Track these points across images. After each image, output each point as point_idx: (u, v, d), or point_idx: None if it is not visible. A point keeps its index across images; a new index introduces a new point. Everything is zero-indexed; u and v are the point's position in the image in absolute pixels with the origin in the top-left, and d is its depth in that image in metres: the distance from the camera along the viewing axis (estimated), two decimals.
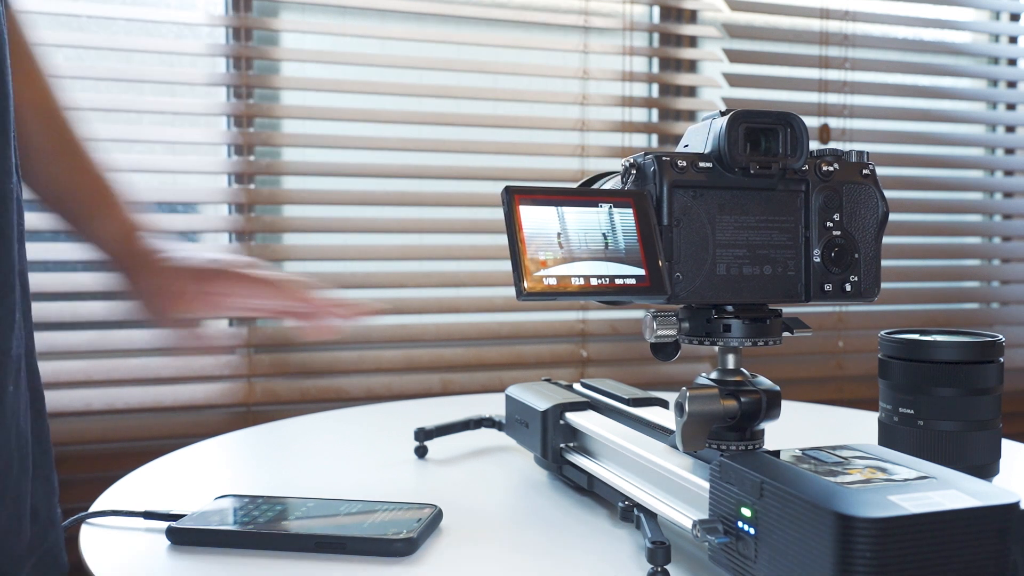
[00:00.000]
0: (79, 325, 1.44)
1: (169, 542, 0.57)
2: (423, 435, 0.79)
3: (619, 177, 0.54)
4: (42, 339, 1.41)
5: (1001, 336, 0.65)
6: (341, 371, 1.55)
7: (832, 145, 0.71)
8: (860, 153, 0.55)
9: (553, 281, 0.47)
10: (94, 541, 0.58)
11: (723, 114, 0.51)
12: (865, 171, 0.55)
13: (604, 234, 0.49)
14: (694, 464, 0.54)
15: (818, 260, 0.53)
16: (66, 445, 1.42)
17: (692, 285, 0.51)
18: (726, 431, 0.53)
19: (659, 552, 0.50)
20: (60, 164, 0.76)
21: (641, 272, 0.49)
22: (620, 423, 0.65)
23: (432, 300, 1.59)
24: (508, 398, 0.75)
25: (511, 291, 0.81)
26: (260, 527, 0.57)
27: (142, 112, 1.46)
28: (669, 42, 1.76)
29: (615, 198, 0.50)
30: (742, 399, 0.51)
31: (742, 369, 0.54)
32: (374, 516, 0.59)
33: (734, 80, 1.76)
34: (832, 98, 1.82)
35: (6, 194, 0.60)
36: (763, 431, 0.54)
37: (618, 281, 0.48)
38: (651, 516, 0.54)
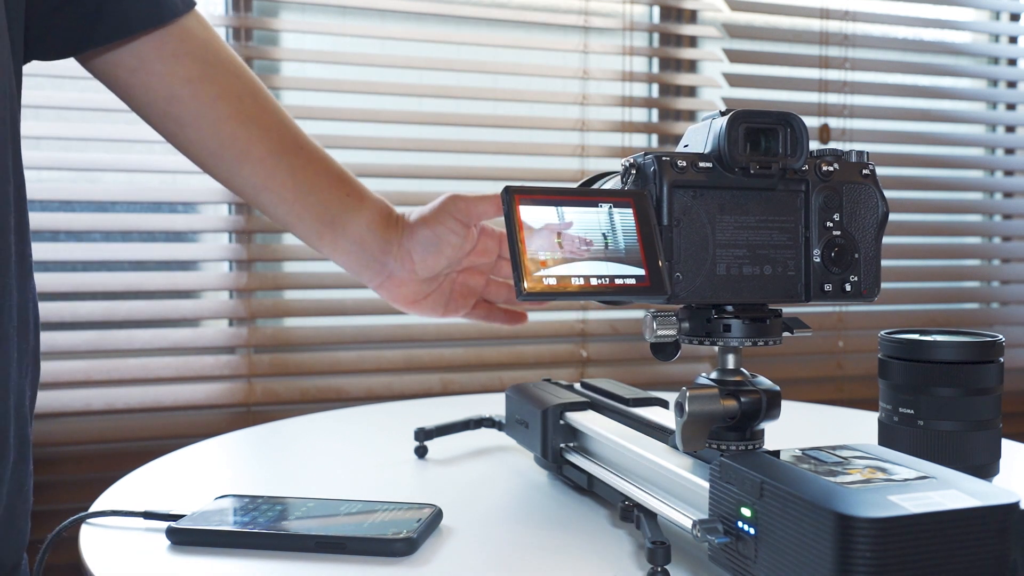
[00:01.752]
0: (79, 325, 1.44)
1: (169, 542, 0.57)
2: (423, 435, 0.79)
3: (619, 177, 0.54)
4: (42, 339, 1.41)
5: (1001, 336, 0.65)
6: (341, 371, 1.55)
7: (832, 145, 0.71)
8: (860, 153, 0.55)
9: (553, 281, 0.47)
10: (94, 541, 0.58)
11: (723, 114, 0.51)
12: (865, 171, 0.55)
13: (604, 234, 0.49)
14: (694, 464, 0.54)
15: (818, 260, 0.53)
16: (66, 445, 1.43)
17: (692, 285, 0.51)
18: (726, 431, 0.53)
19: (659, 552, 0.50)
20: (295, 172, 0.73)
21: (641, 272, 0.49)
22: (620, 423, 0.65)
23: None
24: (508, 398, 0.75)
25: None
26: (260, 527, 0.57)
27: None
28: (669, 42, 1.76)
29: (615, 198, 0.50)
30: (742, 399, 0.51)
31: (742, 369, 0.54)
32: (374, 516, 0.59)
33: (734, 80, 1.76)
34: (832, 98, 1.82)
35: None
36: (763, 431, 0.54)
37: (618, 281, 0.48)
38: (651, 516, 0.54)
